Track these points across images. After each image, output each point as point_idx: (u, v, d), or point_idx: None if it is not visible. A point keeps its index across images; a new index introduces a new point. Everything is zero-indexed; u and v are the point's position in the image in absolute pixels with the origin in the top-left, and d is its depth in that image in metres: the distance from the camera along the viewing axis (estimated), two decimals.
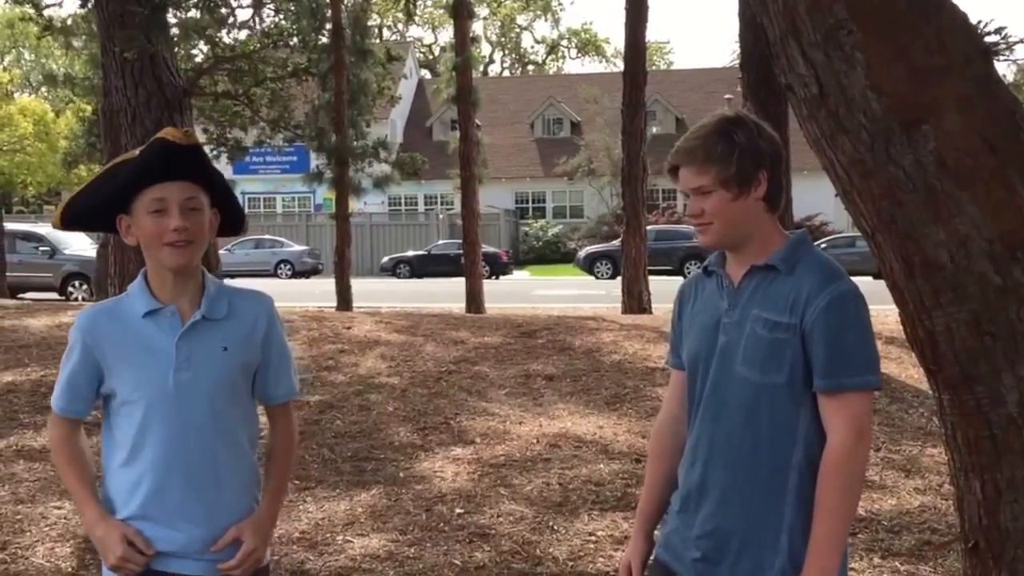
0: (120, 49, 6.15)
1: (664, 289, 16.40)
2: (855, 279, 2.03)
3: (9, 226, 18.57)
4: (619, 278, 14.61)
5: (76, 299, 18.86)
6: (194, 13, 10.02)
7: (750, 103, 8.36)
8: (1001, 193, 2.10)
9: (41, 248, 20.04)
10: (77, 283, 19.68)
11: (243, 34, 15.78)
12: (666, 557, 2.08)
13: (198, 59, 15.28)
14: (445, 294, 19.30)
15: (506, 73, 59.80)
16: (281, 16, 15.06)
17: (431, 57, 53.34)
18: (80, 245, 20.84)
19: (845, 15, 2.09)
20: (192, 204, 2.00)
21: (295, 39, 15.20)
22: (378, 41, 20.83)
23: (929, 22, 2.09)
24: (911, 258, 2.17)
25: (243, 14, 15.58)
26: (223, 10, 10.28)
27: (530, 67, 61.36)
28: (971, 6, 2.31)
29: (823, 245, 24.57)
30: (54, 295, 19.24)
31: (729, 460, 1.96)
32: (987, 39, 2.18)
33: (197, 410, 2.02)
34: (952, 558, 4.03)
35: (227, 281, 2.40)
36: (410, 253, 31.67)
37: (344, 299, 15.43)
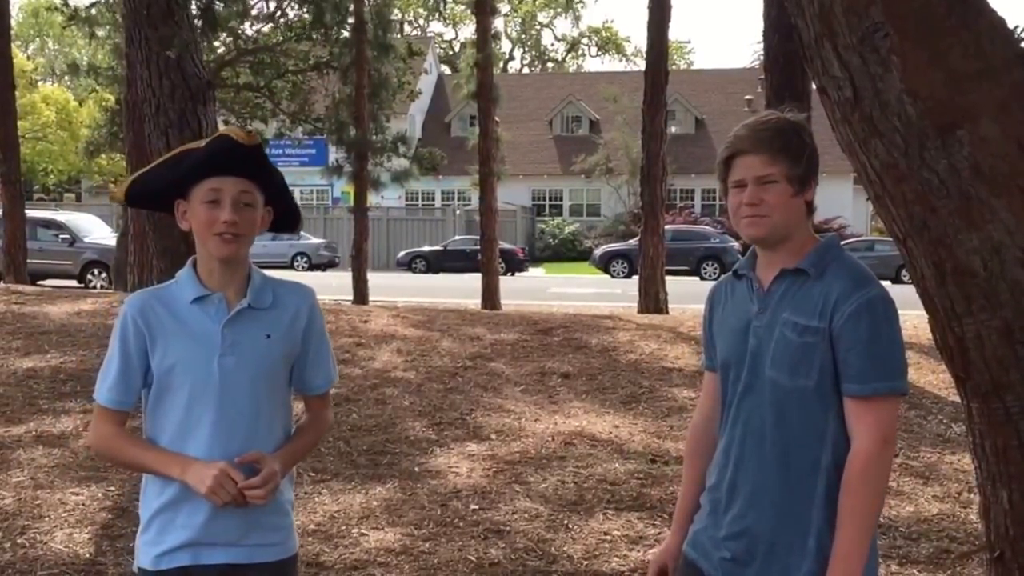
0: (163, 49, 6.17)
1: (681, 290, 16.40)
2: None
3: (30, 213, 18.62)
4: (634, 277, 14.60)
5: (95, 287, 18.97)
6: (220, 6, 10.08)
7: (773, 105, 8.32)
8: None
9: (61, 236, 20.17)
10: (96, 271, 19.80)
11: (266, 27, 15.83)
12: (694, 555, 2.08)
13: (220, 51, 15.33)
14: (461, 290, 19.31)
15: (526, 70, 59.76)
16: (304, 10, 15.11)
17: (451, 53, 53.36)
18: (100, 233, 20.96)
19: (882, 18, 2.07)
20: (246, 199, 2.07)
21: (317, 33, 15.23)
22: (399, 36, 20.86)
23: (967, 26, 2.07)
24: (943, 264, 2.15)
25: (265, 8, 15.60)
26: (251, 1, 10.35)
27: (550, 64, 61.29)
28: (1009, 11, 2.28)
29: None
30: (73, 283, 19.37)
31: (759, 462, 1.96)
32: None
33: (240, 395, 2.07)
34: (970, 567, 4.00)
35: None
36: (426, 248, 31.71)
37: (360, 293, 15.47)
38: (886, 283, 2.66)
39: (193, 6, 6.71)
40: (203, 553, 2.07)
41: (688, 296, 15.60)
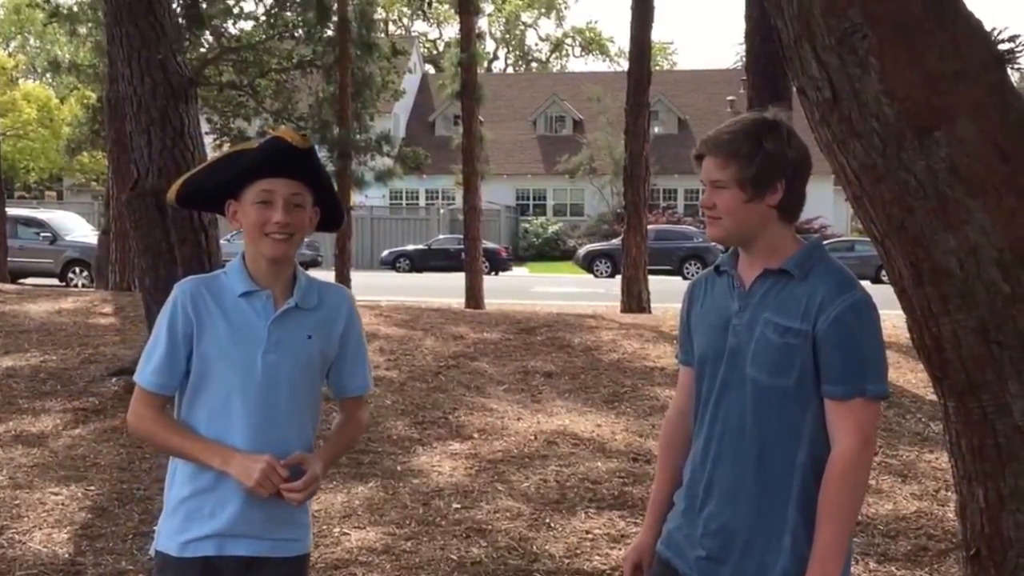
0: (145, 49, 6.13)
1: (663, 289, 16.42)
2: None
3: (11, 211, 18.48)
4: (618, 277, 14.60)
5: (76, 285, 18.83)
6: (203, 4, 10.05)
7: (755, 106, 8.35)
8: (1012, 201, 2.10)
9: (42, 234, 20.01)
10: (77, 269, 19.66)
11: (248, 25, 15.76)
12: (668, 554, 2.08)
13: (203, 49, 15.26)
14: (444, 289, 19.29)
15: (510, 70, 59.74)
16: (285, 7, 15.06)
17: (435, 52, 53.29)
18: (81, 232, 20.80)
19: (860, 19, 2.08)
20: (297, 200, 2.10)
21: (300, 31, 15.19)
22: (383, 35, 20.82)
23: (944, 28, 2.09)
24: (920, 264, 2.17)
25: (248, 6, 15.53)
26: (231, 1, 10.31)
27: (534, 64, 61.31)
28: (986, 13, 2.31)
29: None
30: (54, 281, 19.22)
31: (736, 460, 1.96)
32: (1001, 46, 2.17)
33: (278, 393, 2.09)
34: (947, 564, 4.03)
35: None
36: (410, 247, 31.66)
37: None
38: (865, 283, 2.68)
39: (175, 3, 6.70)
40: (228, 544, 2.08)
41: (671, 295, 15.59)
